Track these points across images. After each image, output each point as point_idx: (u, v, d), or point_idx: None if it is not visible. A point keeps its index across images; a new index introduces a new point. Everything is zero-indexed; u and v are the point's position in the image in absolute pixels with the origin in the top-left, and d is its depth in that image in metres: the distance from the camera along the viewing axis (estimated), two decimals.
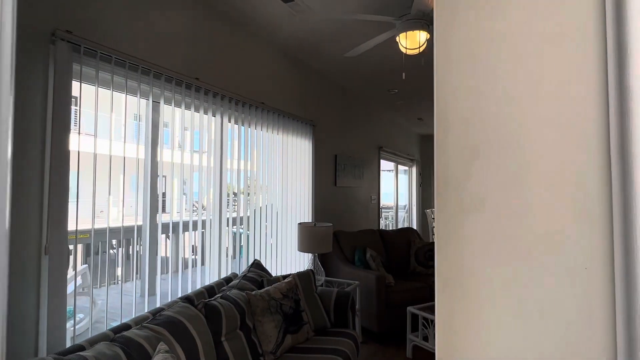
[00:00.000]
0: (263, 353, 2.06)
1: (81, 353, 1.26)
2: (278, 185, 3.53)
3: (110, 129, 2.07)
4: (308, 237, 3.22)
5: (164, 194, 2.52)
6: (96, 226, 1.95)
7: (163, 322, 1.59)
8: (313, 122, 4.07)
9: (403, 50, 2.50)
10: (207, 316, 1.81)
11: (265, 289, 2.25)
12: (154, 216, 2.33)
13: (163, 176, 2.50)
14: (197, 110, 2.61)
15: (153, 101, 2.31)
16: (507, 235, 0.44)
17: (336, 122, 4.79)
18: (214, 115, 2.76)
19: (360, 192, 5.54)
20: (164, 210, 2.47)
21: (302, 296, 2.44)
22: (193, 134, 2.65)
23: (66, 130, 1.77)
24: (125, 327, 1.59)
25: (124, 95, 2.11)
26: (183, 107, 2.48)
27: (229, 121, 2.91)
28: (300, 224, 3.29)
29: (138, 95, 2.18)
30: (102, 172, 1.93)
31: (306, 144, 4.01)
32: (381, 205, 6.67)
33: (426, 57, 3.54)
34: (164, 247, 2.37)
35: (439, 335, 0.49)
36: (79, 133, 1.92)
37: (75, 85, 1.84)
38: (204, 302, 1.83)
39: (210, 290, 2.23)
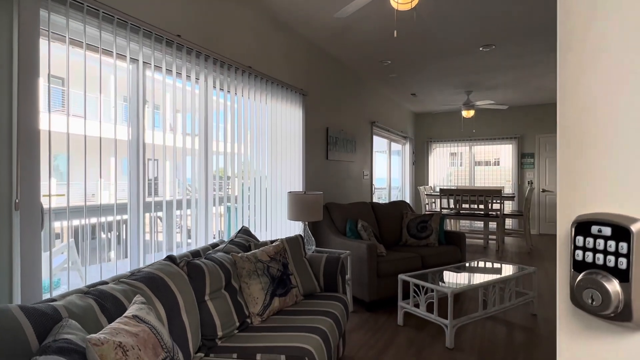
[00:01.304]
0: (250, 315, 2.01)
1: (51, 303, 1.19)
2: (267, 158, 3.44)
3: (85, 89, 1.96)
4: (298, 205, 3.15)
5: (156, 178, 2.48)
6: (85, 203, 1.86)
7: (142, 277, 1.52)
8: (304, 91, 3.96)
9: (395, 5, 2.39)
10: (189, 275, 1.75)
11: (252, 251, 2.19)
12: (140, 194, 2.25)
13: (153, 160, 2.41)
14: (179, 70, 2.48)
15: (131, 58, 2.18)
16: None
17: (327, 94, 4.68)
18: (197, 78, 2.64)
19: (353, 167, 5.47)
20: (156, 194, 2.40)
21: (290, 260, 2.38)
22: (176, 115, 2.54)
23: (33, 80, 1.66)
24: (102, 283, 1.52)
25: (97, 55, 1.98)
26: (164, 65, 2.36)
27: (214, 86, 2.80)
28: (290, 192, 3.22)
29: (114, 50, 2.06)
30: (78, 147, 1.83)
31: (296, 113, 3.91)
32: (375, 187, 6.63)
33: (418, 12, 3.42)
34: (151, 226, 2.32)
35: (560, 172, 0.55)
36: (48, 111, 1.80)
37: (43, 49, 1.72)
38: (186, 260, 1.77)
39: (195, 254, 2.16)
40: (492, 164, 8.90)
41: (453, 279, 2.99)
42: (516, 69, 5.26)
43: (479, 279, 2.95)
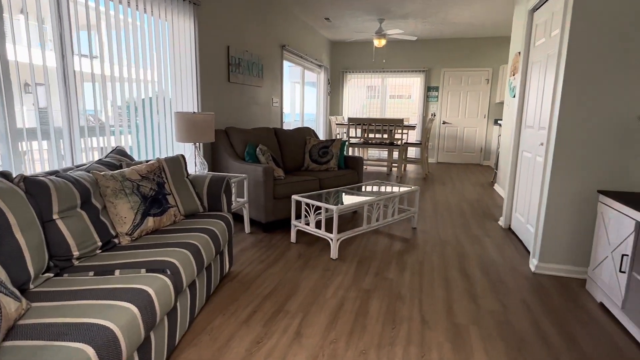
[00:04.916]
0: (117, 234, 1.90)
1: None
2: (153, 77, 3.08)
3: None
4: (186, 126, 2.95)
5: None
6: None
7: None
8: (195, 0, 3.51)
9: None
10: (28, 192, 1.55)
11: (120, 170, 2.02)
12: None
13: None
14: None
15: None
16: None
17: (227, 7, 4.24)
18: None
19: (261, 93, 5.24)
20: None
21: (168, 179, 2.26)
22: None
23: None
24: None
25: None
26: None
27: None
28: (177, 112, 2.97)
29: None
30: None
31: (187, 26, 3.49)
32: (286, 120, 6.49)
33: None
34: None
35: None
36: None
37: None
38: (22, 175, 1.55)
39: (51, 173, 1.92)
40: (405, 97, 9.27)
41: (344, 198, 3.16)
42: None
43: (367, 198, 3.15)
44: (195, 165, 3.07)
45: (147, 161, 2.33)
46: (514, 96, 4.75)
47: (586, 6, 2.31)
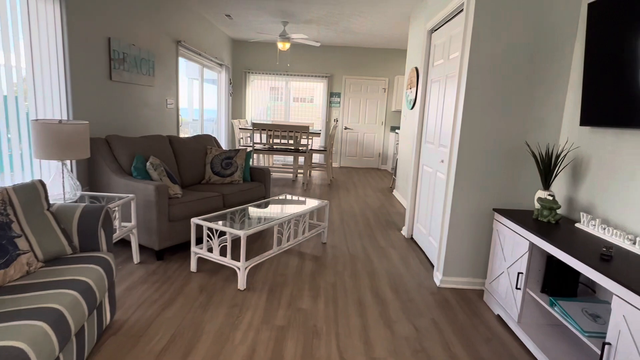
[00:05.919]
0: None
1: None
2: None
3: None
4: (50, 139, 2.34)
5: None
6: None
7: None
8: None
9: None
10: None
11: None
12: None
13: None
14: None
15: None
16: None
17: None
18: None
19: (152, 93, 4.61)
20: None
21: (19, 217, 1.71)
22: None
23: None
24: None
25: None
26: None
27: None
28: (35, 121, 2.33)
29: None
30: None
31: (49, 9, 2.80)
32: (183, 119, 5.87)
33: None
34: None
35: None
36: None
37: None
38: None
39: None
40: (308, 101, 9.26)
41: (252, 217, 2.89)
42: (328, 4, 5.24)
43: (276, 215, 2.93)
44: (64, 189, 2.46)
45: None
46: (412, 108, 5.02)
47: (481, 39, 2.46)
